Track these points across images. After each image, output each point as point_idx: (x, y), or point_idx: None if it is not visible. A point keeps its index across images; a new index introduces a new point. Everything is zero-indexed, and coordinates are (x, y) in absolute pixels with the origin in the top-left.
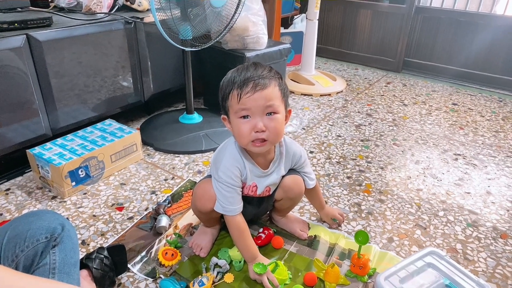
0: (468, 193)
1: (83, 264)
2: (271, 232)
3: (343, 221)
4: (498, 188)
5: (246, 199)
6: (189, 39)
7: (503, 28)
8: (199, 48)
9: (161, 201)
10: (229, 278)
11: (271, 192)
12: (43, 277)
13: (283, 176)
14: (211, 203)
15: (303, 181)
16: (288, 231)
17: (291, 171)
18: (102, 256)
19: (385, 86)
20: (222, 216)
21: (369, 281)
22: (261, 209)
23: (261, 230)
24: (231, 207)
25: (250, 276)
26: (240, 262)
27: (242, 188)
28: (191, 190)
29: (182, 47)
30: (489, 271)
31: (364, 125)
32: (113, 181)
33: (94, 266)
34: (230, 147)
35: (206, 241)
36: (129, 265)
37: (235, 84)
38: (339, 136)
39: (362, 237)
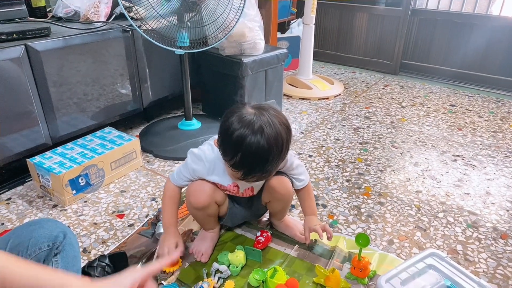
0: (468, 194)
1: (85, 272)
2: (269, 234)
3: (321, 238)
4: (497, 188)
5: (235, 198)
6: (187, 46)
7: (499, 29)
8: (194, 51)
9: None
10: (229, 285)
11: (255, 192)
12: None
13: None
14: (205, 195)
15: (290, 182)
16: (288, 235)
17: (279, 172)
18: (104, 264)
19: (383, 88)
20: (220, 217)
21: (369, 283)
22: (252, 211)
23: (258, 233)
24: (176, 177)
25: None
26: (237, 267)
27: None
28: None
29: (173, 49)
30: (490, 271)
31: (363, 128)
32: (113, 188)
33: (96, 274)
34: (214, 153)
35: (206, 246)
36: None
37: (243, 169)
38: (338, 139)
39: (362, 240)
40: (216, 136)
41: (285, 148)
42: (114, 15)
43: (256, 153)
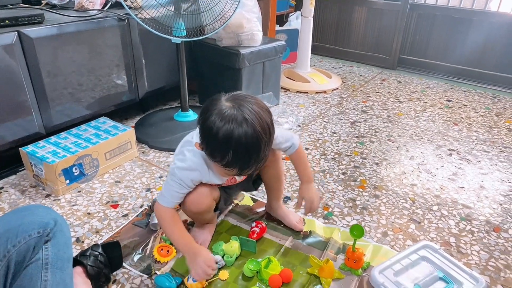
0: (462, 187)
1: (78, 261)
2: (264, 225)
3: (310, 212)
4: (491, 182)
5: (228, 186)
6: (184, 35)
7: (497, 25)
8: (191, 39)
9: (156, 198)
10: (223, 275)
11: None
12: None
13: None
14: (206, 200)
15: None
16: (284, 223)
17: None
18: (97, 253)
19: (380, 83)
20: (216, 209)
21: (363, 274)
22: (241, 188)
23: (253, 224)
24: (171, 200)
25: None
26: (231, 257)
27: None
28: None
29: (170, 37)
30: (482, 263)
31: (359, 122)
32: (107, 178)
33: (89, 263)
34: (198, 157)
35: (205, 236)
36: (124, 262)
37: (237, 165)
38: (334, 132)
39: (357, 231)
40: (189, 139)
41: (272, 131)
42: (110, 3)
43: (247, 144)
